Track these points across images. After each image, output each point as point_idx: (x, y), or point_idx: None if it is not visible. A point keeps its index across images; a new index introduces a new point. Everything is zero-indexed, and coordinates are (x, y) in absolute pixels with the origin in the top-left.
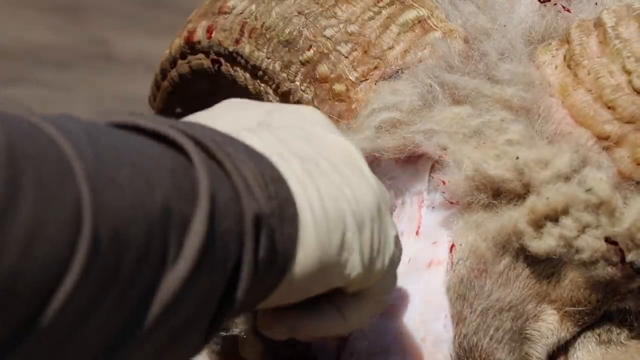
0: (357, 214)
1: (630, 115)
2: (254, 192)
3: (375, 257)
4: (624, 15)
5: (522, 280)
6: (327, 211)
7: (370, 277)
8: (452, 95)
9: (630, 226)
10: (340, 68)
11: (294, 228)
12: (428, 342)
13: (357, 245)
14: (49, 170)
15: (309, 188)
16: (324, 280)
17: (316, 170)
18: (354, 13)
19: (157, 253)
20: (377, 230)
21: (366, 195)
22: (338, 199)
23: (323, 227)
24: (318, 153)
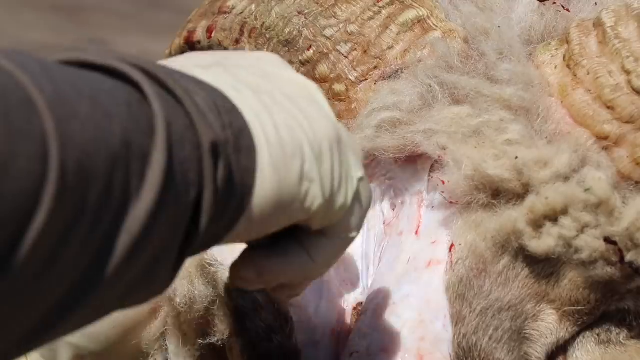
0: (315, 144)
1: (629, 115)
2: (209, 120)
3: (337, 190)
4: (624, 15)
5: (521, 280)
6: (284, 141)
7: (333, 212)
8: (451, 95)
9: (629, 226)
10: (340, 68)
11: (250, 159)
12: (427, 341)
13: (317, 175)
14: (12, 104)
15: (264, 118)
16: (284, 212)
17: (271, 101)
18: (353, 13)
19: (121, 185)
20: (337, 162)
21: (324, 126)
22: (294, 128)
23: (280, 156)
24: (274, 86)
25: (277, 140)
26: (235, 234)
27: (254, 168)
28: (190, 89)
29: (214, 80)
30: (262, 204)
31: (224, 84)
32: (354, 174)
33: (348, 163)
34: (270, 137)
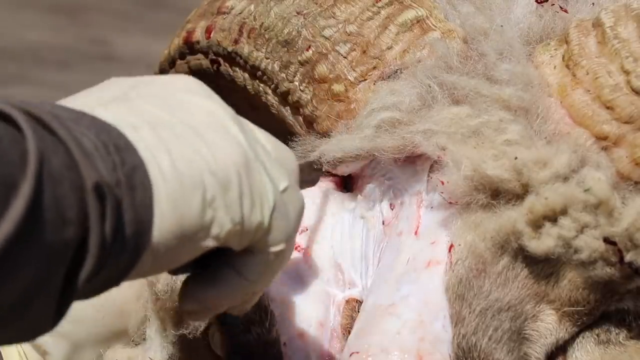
0: (218, 172)
1: (628, 115)
2: (94, 161)
3: (249, 212)
4: (623, 15)
5: (521, 281)
6: (182, 174)
7: (249, 233)
8: (450, 96)
9: (629, 226)
10: (339, 68)
11: (146, 195)
12: (427, 342)
13: (222, 202)
14: None
15: (160, 153)
16: (191, 242)
17: (170, 135)
18: (352, 13)
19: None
20: (246, 184)
21: (229, 153)
22: (194, 160)
23: (178, 190)
24: (176, 118)
25: (174, 174)
26: (142, 271)
27: (150, 204)
28: (76, 130)
29: (113, 119)
30: (165, 238)
31: (122, 122)
32: (272, 190)
33: (262, 182)
34: (166, 172)
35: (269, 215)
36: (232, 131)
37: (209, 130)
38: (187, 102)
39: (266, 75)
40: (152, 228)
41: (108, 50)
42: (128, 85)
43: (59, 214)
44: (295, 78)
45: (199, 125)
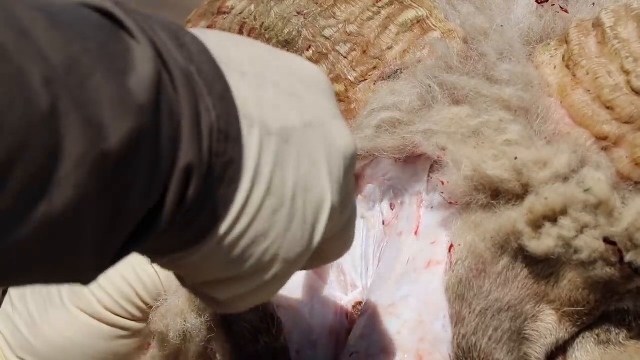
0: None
1: (628, 115)
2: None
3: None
4: (623, 15)
5: (521, 281)
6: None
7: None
8: (451, 96)
9: (629, 226)
10: (339, 68)
11: (231, 189)
12: (427, 342)
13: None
14: None
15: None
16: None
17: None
18: (352, 13)
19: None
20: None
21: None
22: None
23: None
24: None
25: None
26: (199, 257)
27: (232, 199)
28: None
29: (243, 95)
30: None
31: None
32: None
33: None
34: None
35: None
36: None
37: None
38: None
39: None
40: (224, 223)
41: None
42: (260, 57)
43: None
44: None
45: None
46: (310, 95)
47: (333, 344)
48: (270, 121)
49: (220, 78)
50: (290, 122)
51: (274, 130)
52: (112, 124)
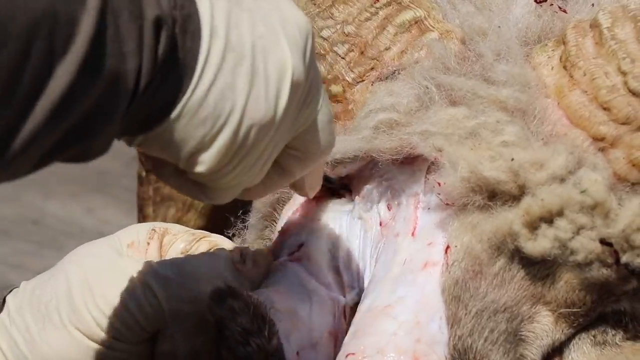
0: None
1: (625, 116)
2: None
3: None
4: (620, 16)
5: (517, 282)
6: (233, 46)
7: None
8: (448, 97)
9: (625, 227)
10: (337, 69)
11: (195, 43)
12: (423, 343)
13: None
14: None
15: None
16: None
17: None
18: (350, 14)
19: (44, 49)
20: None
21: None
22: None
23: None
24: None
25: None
26: (171, 126)
27: (196, 56)
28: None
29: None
30: (198, 97)
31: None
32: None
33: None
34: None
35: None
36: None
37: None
38: None
39: None
40: (193, 78)
41: None
42: None
43: (120, 45)
44: None
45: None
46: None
47: (332, 344)
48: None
49: None
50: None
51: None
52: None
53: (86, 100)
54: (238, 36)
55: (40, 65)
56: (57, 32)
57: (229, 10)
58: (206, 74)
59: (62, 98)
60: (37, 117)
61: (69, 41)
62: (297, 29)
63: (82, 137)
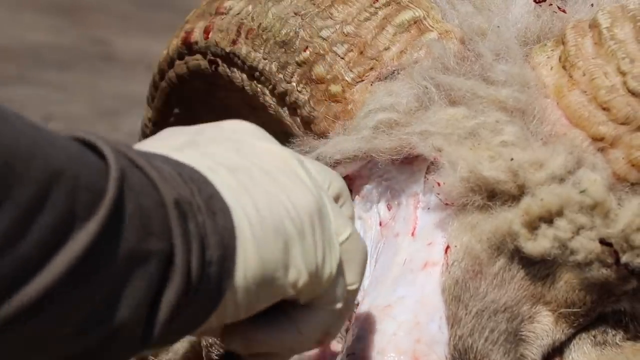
0: (296, 219)
1: (624, 116)
2: (172, 184)
3: (322, 263)
4: (619, 16)
5: (517, 282)
6: (264, 218)
7: (319, 284)
8: (447, 97)
9: (625, 227)
10: (337, 69)
11: (228, 221)
12: (423, 343)
13: (300, 251)
14: None
15: (242, 197)
16: (269, 290)
17: (248, 179)
18: (350, 14)
19: (64, 205)
20: (319, 234)
21: (304, 199)
22: (274, 205)
23: (261, 234)
24: (250, 162)
25: (258, 216)
26: (221, 315)
27: (233, 231)
28: (153, 161)
29: (188, 161)
30: (247, 281)
31: (197, 164)
32: (336, 240)
33: (330, 231)
34: (251, 216)
35: (336, 267)
36: (302, 176)
37: (282, 175)
38: (257, 146)
39: (264, 76)
40: (237, 261)
41: (108, 51)
42: (193, 131)
43: (142, 222)
44: (292, 79)
45: (273, 170)
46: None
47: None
48: (222, 162)
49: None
50: (232, 158)
51: (233, 168)
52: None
53: (108, 269)
54: (269, 207)
55: (59, 218)
56: (79, 193)
57: (238, 179)
58: (250, 264)
59: (79, 259)
60: (55, 271)
61: (92, 207)
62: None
63: (106, 315)
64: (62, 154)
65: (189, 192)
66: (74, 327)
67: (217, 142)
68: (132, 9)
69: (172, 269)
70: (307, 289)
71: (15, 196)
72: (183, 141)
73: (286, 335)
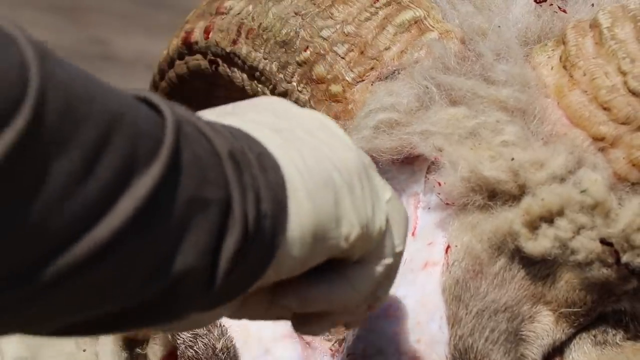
0: (344, 173)
1: (625, 116)
2: (224, 135)
3: (372, 216)
4: (620, 16)
5: (518, 282)
6: (313, 170)
7: (370, 238)
8: (448, 96)
9: (625, 227)
10: (337, 69)
11: (279, 177)
12: (423, 343)
13: (350, 204)
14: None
15: (290, 150)
16: (323, 244)
17: (292, 137)
18: (350, 14)
19: (125, 148)
20: (367, 189)
21: (350, 156)
22: (321, 158)
23: (312, 185)
24: (292, 124)
25: (307, 169)
26: (276, 270)
27: (284, 187)
28: (204, 119)
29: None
30: (301, 233)
31: (244, 128)
32: (383, 196)
33: (377, 187)
34: (300, 167)
35: (385, 221)
36: (345, 138)
37: (324, 134)
38: (294, 111)
39: (264, 76)
40: (289, 215)
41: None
42: (229, 107)
43: (200, 171)
44: (293, 79)
45: (314, 129)
46: None
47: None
48: (265, 123)
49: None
50: (273, 121)
51: (276, 128)
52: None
53: (170, 215)
54: (316, 160)
55: (122, 162)
56: (139, 138)
57: (283, 137)
58: (303, 216)
59: (145, 203)
60: (117, 218)
61: (153, 153)
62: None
63: (170, 261)
64: (119, 99)
65: (241, 147)
66: (140, 274)
67: (255, 111)
68: (131, 9)
69: (231, 217)
70: (359, 243)
71: (80, 136)
72: (220, 112)
73: (340, 291)
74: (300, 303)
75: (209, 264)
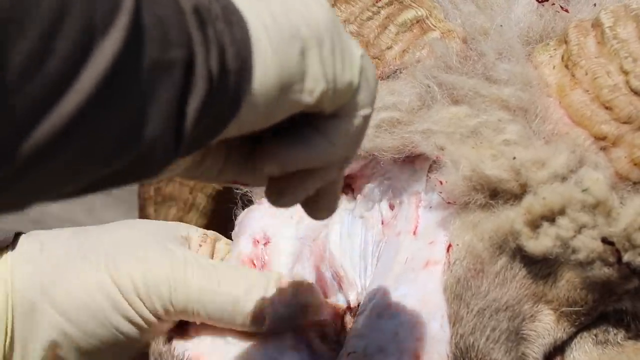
0: (313, 27)
1: (627, 115)
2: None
3: (341, 71)
4: (622, 15)
5: (519, 281)
6: (281, 24)
7: (341, 93)
8: (450, 95)
9: (627, 226)
10: None
11: (244, 32)
12: (424, 342)
13: (317, 58)
14: None
15: (258, 4)
16: (287, 97)
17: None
18: (352, 13)
19: (81, 17)
20: (338, 44)
21: (319, 10)
22: (290, 12)
23: (278, 38)
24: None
25: (274, 23)
26: (240, 122)
27: (249, 42)
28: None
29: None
30: (266, 86)
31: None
32: (356, 52)
33: (349, 42)
34: (266, 20)
35: (358, 75)
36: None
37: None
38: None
39: None
40: (254, 68)
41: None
42: None
43: (162, 32)
44: None
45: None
46: None
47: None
48: None
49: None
50: None
51: None
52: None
53: (135, 83)
54: (284, 13)
55: (79, 33)
56: (95, 3)
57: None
58: (267, 68)
59: (108, 72)
60: (79, 95)
61: (111, 18)
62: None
63: (136, 131)
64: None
65: (207, 1)
66: (109, 146)
67: None
68: None
69: (194, 74)
70: (327, 98)
71: (33, 12)
72: None
73: (318, 147)
74: (280, 165)
75: (174, 126)
